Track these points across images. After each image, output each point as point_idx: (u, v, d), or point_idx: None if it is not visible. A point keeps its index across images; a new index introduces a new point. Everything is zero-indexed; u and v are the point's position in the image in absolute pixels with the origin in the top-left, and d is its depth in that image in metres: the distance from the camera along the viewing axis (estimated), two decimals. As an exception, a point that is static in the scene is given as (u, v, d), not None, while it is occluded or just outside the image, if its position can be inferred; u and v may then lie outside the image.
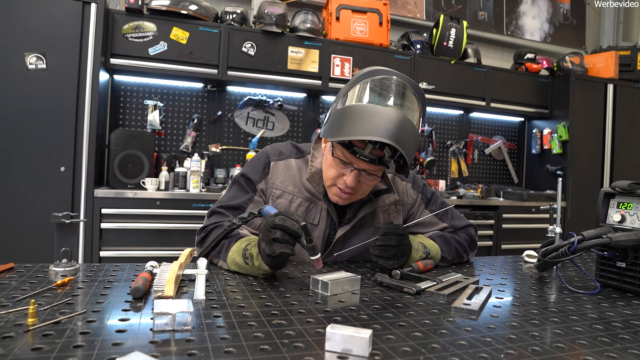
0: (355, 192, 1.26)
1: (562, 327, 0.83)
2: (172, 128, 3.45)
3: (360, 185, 1.24)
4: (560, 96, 4.08)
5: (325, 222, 1.36)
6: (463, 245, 1.44)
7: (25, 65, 2.57)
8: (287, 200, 1.36)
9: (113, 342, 0.68)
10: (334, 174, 1.24)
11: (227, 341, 0.70)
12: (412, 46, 3.78)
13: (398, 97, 1.15)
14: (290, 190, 1.36)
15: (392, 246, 1.19)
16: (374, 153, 1.17)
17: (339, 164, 1.22)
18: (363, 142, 1.16)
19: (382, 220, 1.41)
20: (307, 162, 1.40)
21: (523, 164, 4.55)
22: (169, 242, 2.81)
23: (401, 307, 0.91)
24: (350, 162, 1.20)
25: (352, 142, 1.17)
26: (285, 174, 1.38)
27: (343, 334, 0.67)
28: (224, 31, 3.13)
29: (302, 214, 1.35)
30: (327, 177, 1.27)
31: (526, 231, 3.72)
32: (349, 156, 1.19)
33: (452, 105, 3.92)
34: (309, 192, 1.36)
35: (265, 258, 1.05)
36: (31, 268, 1.10)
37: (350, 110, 1.15)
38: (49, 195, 2.61)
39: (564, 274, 1.30)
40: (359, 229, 1.38)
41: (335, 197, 1.28)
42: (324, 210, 1.35)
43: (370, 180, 1.24)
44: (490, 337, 0.76)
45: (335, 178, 1.24)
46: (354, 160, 1.19)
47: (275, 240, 1.03)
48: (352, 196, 1.26)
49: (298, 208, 1.35)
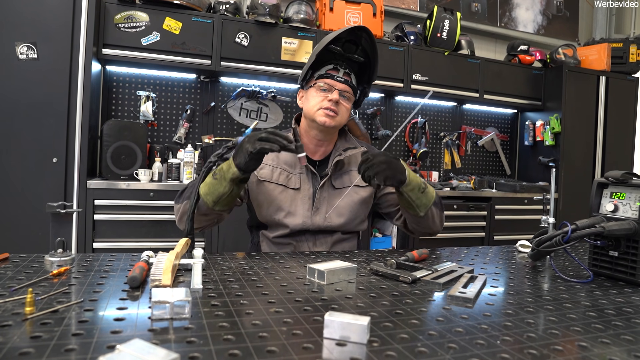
0: (339, 113, 1.45)
1: (556, 314, 0.84)
2: (165, 119, 3.43)
3: (340, 107, 1.45)
4: (553, 88, 4.10)
5: (308, 182, 1.48)
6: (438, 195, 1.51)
7: (15, 55, 2.53)
8: (269, 170, 1.48)
9: (112, 330, 0.68)
10: (319, 99, 1.45)
11: (225, 329, 0.70)
12: (406, 37, 3.77)
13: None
14: (270, 163, 1.49)
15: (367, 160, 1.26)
16: (345, 77, 1.46)
17: (320, 92, 1.45)
18: (336, 69, 1.45)
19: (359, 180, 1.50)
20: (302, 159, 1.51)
21: (516, 156, 4.58)
22: (162, 233, 2.80)
23: (397, 296, 0.92)
24: (330, 85, 1.45)
25: (328, 72, 1.45)
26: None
27: (341, 321, 0.68)
28: (217, 21, 3.10)
29: (284, 180, 1.48)
30: (313, 105, 1.46)
31: (519, 222, 3.76)
32: (329, 81, 1.45)
33: (446, 96, 3.92)
34: (287, 164, 1.49)
35: (243, 157, 1.19)
36: (26, 258, 1.10)
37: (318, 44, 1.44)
38: (42, 186, 2.59)
39: (557, 263, 1.32)
40: (341, 189, 1.50)
41: (323, 118, 1.44)
42: (303, 174, 1.48)
43: (346, 102, 1.47)
44: (487, 324, 0.77)
45: (320, 102, 1.44)
46: (332, 83, 1.45)
47: (261, 140, 1.18)
48: (336, 116, 1.45)
49: (280, 175, 1.48)
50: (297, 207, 1.46)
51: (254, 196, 1.48)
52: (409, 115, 4.14)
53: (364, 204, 1.54)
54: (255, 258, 1.23)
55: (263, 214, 1.47)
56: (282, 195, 1.46)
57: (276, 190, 1.46)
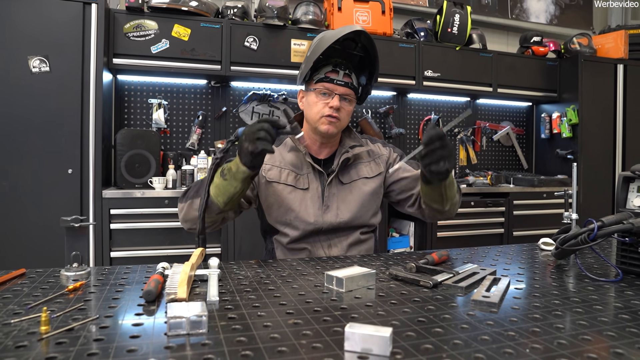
0: (340, 118, 1.43)
1: (586, 317, 0.81)
2: (177, 126, 3.44)
3: (342, 110, 1.43)
4: (568, 79, 4.01)
5: (316, 181, 1.47)
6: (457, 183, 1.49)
7: (29, 68, 2.56)
8: (277, 171, 1.47)
9: (128, 348, 0.66)
10: (320, 106, 1.43)
11: (243, 344, 0.68)
12: (416, 34, 3.73)
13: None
14: (278, 165, 1.48)
15: (439, 148, 1.16)
16: (345, 79, 1.42)
17: (321, 97, 1.43)
18: (335, 71, 1.41)
19: (366, 172, 1.53)
20: (285, 144, 1.54)
21: (532, 149, 4.49)
22: (178, 241, 2.81)
23: (419, 302, 0.89)
24: (330, 90, 1.42)
25: (327, 75, 1.42)
26: (270, 157, 1.48)
27: (362, 333, 0.65)
28: (225, 26, 3.10)
29: (293, 181, 1.46)
30: (314, 113, 1.44)
31: (538, 217, 3.68)
32: (328, 85, 1.42)
33: (458, 92, 3.86)
34: (293, 166, 1.48)
35: (247, 157, 1.17)
36: (42, 273, 1.09)
37: (318, 41, 1.41)
38: (58, 197, 2.61)
39: (583, 262, 1.28)
40: (349, 184, 1.49)
41: (325, 126, 1.43)
42: (310, 174, 1.47)
43: (348, 105, 1.45)
44: (513, 330, 0.74)
45: (321, 109, 1.42)
46: (332, 87, 1.42)
47: (258, 139, 1.15)
48: (338, 122, 1.43)
49: (288, 176, 1.46)
50: (307, 207, 1.44)
51: (264, 198, 1.46)
52: (422, 113, 4.09)
53: (374, 195, 1.52)
54: (271, 265, 1.21)
55: (273, 215, 1.46)
56: (291, 196, 1.45)
57: (285, 190, 1.45)
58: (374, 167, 1.55)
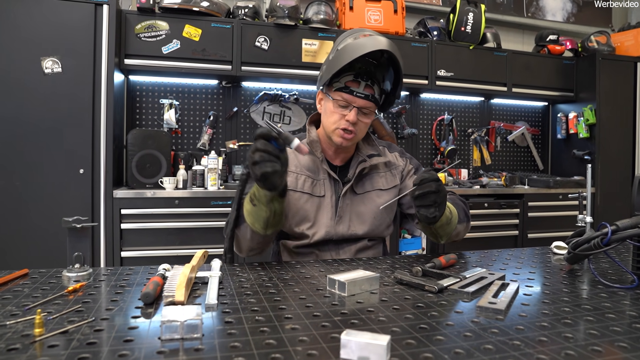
0: (356, 132, 1.37)
1: (597, 326, 0.77)
2: (188, 126, 3.45)
3: (359, 123, 1.36)
4: (585, 78, 3.92)
5: (331, 189, 1.43)
6: (463, 208, 1.44)
7: (41, 70, 2.59)
8: (294, 178, 1.42)
9: (119, 352, 0.65)
10: (336, 117, 1.36)
11: (237, 350, 0.66)
12: (429, 33, 3.68)
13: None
14: (294, 170, 1.42)
15: (432, 192, 1.15)
16: (367, 90, 1.33)
17: (338, 108, 1.35)
18: (356, 82, 1.33)
19: (381, 183, 1.47)
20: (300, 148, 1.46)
21: (548, 150, 4.40)
22: (188, 241, 2.81)
23: (422, 308, 0.86)
24: (349, 102, 1.34)
25: (347, 85, 1.33)
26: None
27: (359, 341, 0.63)
28: (236, 26, 3.10)
29: (309, 187, 1.42)
30: (330, 123, 1.38)
31: (554, 219, 3.60)
32: (347, 96, 1.33)
33: (472, 92, 3.81)
34: (309, 170, 1.43)
35: (259, 183, 1.09)
36: (45, 273, 1.09)
37: (343, 49, 1.31)
38: (69, 197, 2.64)
39: (597, 267, 1.23)
40: (363, 195, 1.45)
41: (339, 138, 1.37)
42: (326, 180, 1.43)
43: (366, 118, 1.37)
44: (519, 339, 0.71)
45: (337, 121, 1.36)
46: (351, 99, 1.33)
47: (255, 164, 1.04)
48: (354, 136, 1.37)
49: (304, 183, 1.41)
50: (321, 217, 1.41)
51: None
52: (435, 113, 4.04)
53: (388, 208, 1.47)
54: (275, 268, 1.19)
55: (287, 224, 1.41)
56: (307, 205, 1.40)
57: (302, 199, 1.40)
58: (390, 178, 1.50)
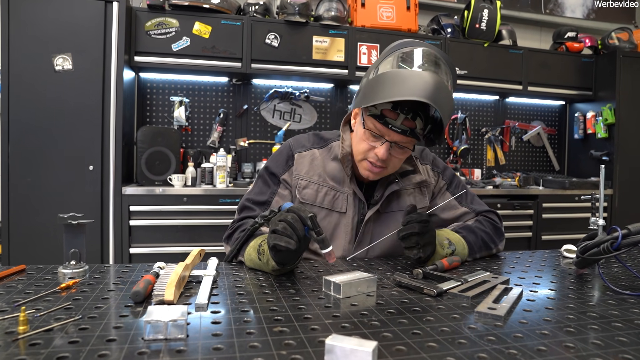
0: (386, 166, 1.23)
1: (602, 336, 0.73)
2: (198, 124, 3.46)
3: (391, 158, 1.22)
4: (605, 76, 3.81)
5: (353, 208, 1.32)
6: (488, 234, 1.34)
7: (52, 67, 2.61)
8: (314, 190, 1.32)
9: (100, 353, 0.63)
10: (365, 148, 1.22)
11: (219, 352, 0.64)
12: (443, 30, 3.61)
13: (431, 64, 1.14)
14: (316, 180, 1.33)
15: (414, 234, 1.12)
16: (406, 124, 1.15)
17: (370, 137, 1.20)
18: (395, 112, 1.14)
19: (409, 203, 1.34)
20: (330, 150, 1.37)
21: (565, 150, 4.30)
22: (197, 238, 2.81)
23: (419, 312, 0.83)
24: (382, 134, 1.18)
25: (383, 113, 1.15)
26: (310, 164, 1.35)
27: (343, 347, 0.60)
28: (246, 23, 3.09)
29: (330, 202, 1.32)
30: (358, 151, 1.25)
31: (569, 221, 3.51)
32: (381, 127, 1.17)
33: (487, 90, 3.73)
34: (333, 179, 1.33)
35: (270, 252, 1.00)
36: (42, 270, 1.09)
37: (382, 77, 1.13)
38: (79, 193, 2.66)
39: (608, 272, 1.18)
40: (388, 215, 1.34)
41: (366, 171, 1.25)
42: (350, 196, 1.32)
43: (401, 153, 1.22)
44: (516, 348, 0.67)
45: (366, 152, 1.22)
46: (385, 131, 1.17)
47: (274, 232, 0.97)
48: (382, 170, 1.24)
49: (325, 197, 1.32)
50: (338, 237, 1.32)
51: None
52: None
53: None
54: (272, 267, 1.17)
55: None
56: (324, 222, 1.31)
57: (319, 214, 1.30)
58: (419, 198, 1.38)
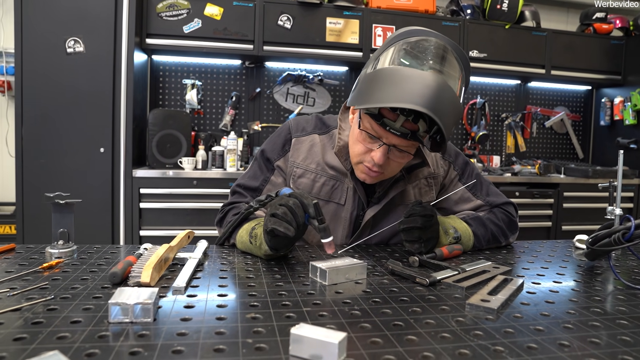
0: (384, 171, 1.12)
1: (604, 334, 0.66)
2: (210, 107, 3.43)
3: (390, 162, 1.10)
4: (635, 59, 3.62)
5: (352, 202, 1.24)
6: (501, 227, 1.26)
7: (64, 49, 2.61)
8: (310, 179, 1.25)
9: (59, 335, 0.61)
10: (361, 150, 1.11)
11: (182, 337, 0.61)
12: (462, 11, 3.48)
13: (437, 61, 0.99)
14: (313, 169, 1.25)
15: (416, 228, 1.06)
16: (407, 126, 1.02)
17: (366, 138, 1.08)
18: (394, 113, 1.00)
19: (413, 197, 1.28)
20: (332, 137, 1.28)
21: (590, 138, 4.13)
22: (206, 221, 2.81)
23: (406, 302, 0.78)
24: (379, 136, 1.06)
25: (381, 113, 1.02)
26: (309, 151, 1.26)
27: (310, 337, 0.56)
28: (258, 4, 3.03)
29: (327, 193, 1.25)
30: (354, 153, 1.14)
31: (591, 211, 3.38)
32: (378, 129, 1.04)
33: (507, 74, 3.59)
34: (333, 169, 1.25)
35: (266, 235, 0.97)
36: (31, 249, 1.08)
37: (381, 74, 1.00)
38: (90, 175, 2.68)
39: (622, 264, 1.10)
40: (389, 207, 1.25)
41: (362, 175, 1.15)
42: (350, 189, 1.24)
43: (401, 157, 1.10)
44: (504, 345, 0.61)
45: (362, 154, 1.11)
46: (383, 133, 1.05)
47: (274, 216, 0.93)
48: (380, 175, 1.14)
49: (322, 187, 1.25)
50: (335, 230, 1.26)
51: None
52: (466, 96, 3.84)
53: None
54: (264, 252, 1.13)
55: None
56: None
57: None
58: (424, 190, 1.29)
